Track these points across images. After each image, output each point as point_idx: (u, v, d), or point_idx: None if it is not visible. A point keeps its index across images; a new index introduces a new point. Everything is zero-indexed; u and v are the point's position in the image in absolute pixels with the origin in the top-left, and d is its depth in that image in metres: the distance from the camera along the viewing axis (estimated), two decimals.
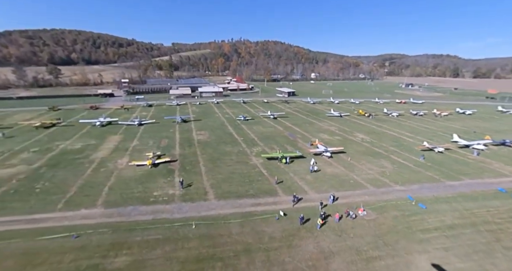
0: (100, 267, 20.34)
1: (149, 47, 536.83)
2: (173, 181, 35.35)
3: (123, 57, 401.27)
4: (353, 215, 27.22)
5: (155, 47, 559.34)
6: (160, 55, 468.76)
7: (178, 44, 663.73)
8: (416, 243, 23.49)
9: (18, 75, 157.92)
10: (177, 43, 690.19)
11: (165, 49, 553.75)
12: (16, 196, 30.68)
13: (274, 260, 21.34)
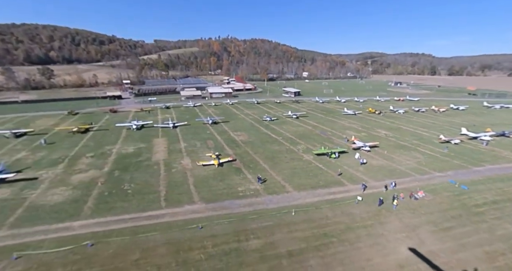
0: (241, 249, 24.32)
1: (132, 45, 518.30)
2: (246, 177, 39.29)
3: (107, 55, 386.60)
4: (416, 197, 33.19)
5: (138, 44, 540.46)
6: (145, 53, 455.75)
7: (160, 41, 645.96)
8: (475, 215, 29.83)
9: (7, 76, 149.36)
10: (159, 40, 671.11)
11: (149, 46, 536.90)
12: (114, 197, 33.16)
13: (374, 234, 26.52)
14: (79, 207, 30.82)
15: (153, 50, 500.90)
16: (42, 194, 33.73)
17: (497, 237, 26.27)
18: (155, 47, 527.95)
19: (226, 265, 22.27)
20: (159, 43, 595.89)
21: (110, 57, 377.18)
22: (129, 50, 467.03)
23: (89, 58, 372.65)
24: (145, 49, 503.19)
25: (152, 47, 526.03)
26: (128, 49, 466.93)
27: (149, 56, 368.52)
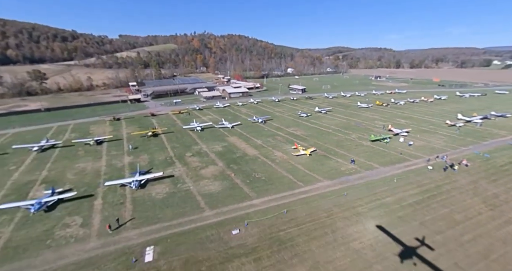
0: (385, 203, 35.98)
1: (99, 41, 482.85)
2: (338, 161, 50.62)
3: (74, 53, 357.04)
4: (467, 164, 48.02)
5: (106, 40, 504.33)
6: (115, 50, 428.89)
7: (127, 37, 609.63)
8: (505, 171, 45.56)
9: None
10: (125, 36, 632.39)
11: (118, 43, 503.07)
12: (259, 183, 41.99)
13: (457, 187, 40.27)
14: (241, 192, 39.32)
15: (123, 47, 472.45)
16: (196, 186, 41.10)
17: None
18: (125, 44, 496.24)
19: (385, 213, 33.79)
20: (125, 39, 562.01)
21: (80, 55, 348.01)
22: (97, 47, 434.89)
23: (54, 56, 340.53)
24: (114, 45, 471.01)
25: (122, 44, 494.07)
26: (96, 46, 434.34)
27: (128, 54, 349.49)
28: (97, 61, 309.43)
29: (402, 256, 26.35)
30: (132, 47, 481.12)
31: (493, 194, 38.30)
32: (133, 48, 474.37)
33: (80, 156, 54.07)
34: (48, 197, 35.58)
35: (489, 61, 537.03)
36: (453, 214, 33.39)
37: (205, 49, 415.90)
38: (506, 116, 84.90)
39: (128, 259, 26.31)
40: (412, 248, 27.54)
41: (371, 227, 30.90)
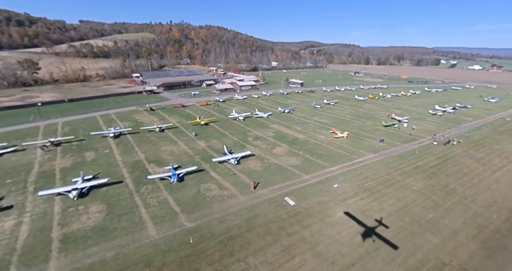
0: (424, 165, 52.08)
1: (61, 26, 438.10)
2: (369, 141, 66.00)
3: (36, 39, 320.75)
4: (459, 141, 67.31)
5: (69, 26, 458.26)
6: (81, 37, 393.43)
7: (89, 23, 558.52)
8: (482, 143, 65.78)
9: None
10: (87, 22, 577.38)
11: (84, 30, 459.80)
12: (325, 157, 54.89)
13: (458, 154, 58.49)
14: (317, 163, 51.90)
15: (90, 34, 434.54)
16: (280, 161, 52.38)
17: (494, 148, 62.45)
18: (91, 31, 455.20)
19: (421, 171, 49.77)
20: (88, 25, 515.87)
21: (48, 42, 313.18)
22: (61, 33, 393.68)
23: (12, 43, 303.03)
24: (80, 32, 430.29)
25: (88, 31, 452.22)
26: (59, 32, 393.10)
27: (104, 42, 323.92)
28: (69, 49, 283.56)
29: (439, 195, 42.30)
30: (100, 34, 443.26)
31: (479, 157, 57.33)
32: (101, 36, 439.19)
33: (155, 141, 60.57)
34: (177, 171, 43.76)
35: (438, 60, 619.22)
36: (462, 169, 50.95)
37: (186, 40, 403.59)
38: (467, 107, 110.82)
39: (278, 204, 37.47)
40: (444, 187, 43.67)
41: (417, 180, 46.46)
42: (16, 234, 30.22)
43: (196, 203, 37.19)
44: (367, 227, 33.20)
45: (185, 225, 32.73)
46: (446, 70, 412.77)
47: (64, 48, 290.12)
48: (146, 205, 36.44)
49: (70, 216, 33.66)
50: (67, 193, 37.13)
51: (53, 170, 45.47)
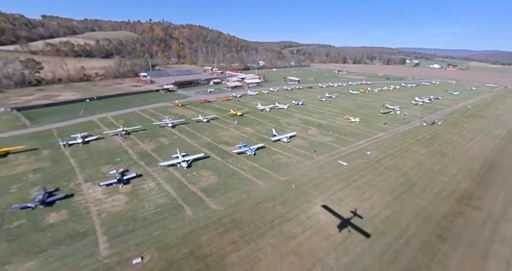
0: (434, 138, 69.93)
1: (27, 22, 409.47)
2: (377, 124, 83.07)
3: (3, 37, 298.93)
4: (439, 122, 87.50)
5: (36, 22, 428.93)
6: (51, 35, 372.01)
7: (55, 19, 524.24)
8: (457, 123, 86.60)
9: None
10: (53, 17, 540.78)
11: (54, 26, 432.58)
12: (350, 135, 70.23)
13: (442, 132, 77.85)
14: (347, 139, 66.97)
15: (60, 31, 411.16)
16: (319, 139, 66.49)
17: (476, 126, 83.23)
18: (62, 28, 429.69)
19: (421, 142, 67.46)
20: (54, 20, 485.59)
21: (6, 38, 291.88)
22: (27, 29, 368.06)
23: None
24: (50, 29, 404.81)
25: (59, 28, 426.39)
26: (27, 29, 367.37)
27: (85, 40, 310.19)
28: (47, 47, 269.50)
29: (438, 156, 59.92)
30: (72, 32, 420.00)
31: (457, 132, 77.26)
32: (73, 34, 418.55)
33: (209, 129, 71.07)
34: (249, 147, 55.53)
35: (404, 60, 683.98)
36: (447, 140, 69.85)
37: (171, 39, 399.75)
38: (439, 98, 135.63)
39: (335, 165, 51.48)
40: (439, 151, 61.40)
41: (421, 148, 63.72)
42: (165, 189, 40.35)
43: (277, 167, 49.79)
44: (402, 174, 48.85)
45: (280, 178, 45.32)
46: (412, 69, 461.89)
47: (41, 46, 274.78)
48: (241, 169, 48.15)
49: (192, 178, 44.26)
50: (178, 164, 47.29)
51: (146, 151, 54.49)
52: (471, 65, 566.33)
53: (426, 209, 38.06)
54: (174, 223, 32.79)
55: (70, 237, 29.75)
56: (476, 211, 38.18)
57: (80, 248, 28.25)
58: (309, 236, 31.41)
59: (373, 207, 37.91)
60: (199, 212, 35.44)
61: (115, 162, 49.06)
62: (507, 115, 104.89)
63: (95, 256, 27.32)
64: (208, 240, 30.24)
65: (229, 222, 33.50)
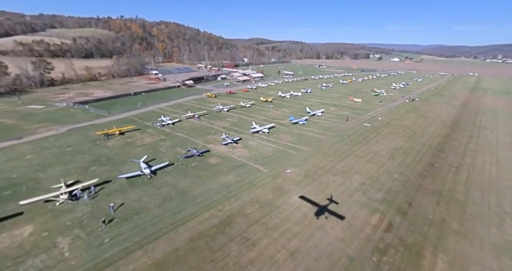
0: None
1: None
2: (375, 102, 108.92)
3: None
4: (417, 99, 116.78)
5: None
6: (7, 33, 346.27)
7: (4, 13, 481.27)
8: (432, 99, 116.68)
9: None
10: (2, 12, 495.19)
11: (9, 23, 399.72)
12: (360, 110, 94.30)
13: (421, 105, 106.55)
14: (361, 112, 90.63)
15: (17, 28, 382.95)
16: (341, 113, 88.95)
17: (440, 100, 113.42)
18: (19, 24, 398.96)
19: (409, 111, 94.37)
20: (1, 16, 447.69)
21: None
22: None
23: None
24: (4, 26, 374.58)
25: (15, 24, 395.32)
26: None
27: (63, 41, 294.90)
28: (18, 47, 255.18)
29: (423, 118, 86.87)
30: (31, 29, 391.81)
31: (430, 105, 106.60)
32: (33, 31, 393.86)
33: (256, 111, 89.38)
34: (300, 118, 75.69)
35: (368, 55, 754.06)
36: (426, 109, 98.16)
37: (151, 37, 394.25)
38: (409, 84, 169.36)
39: (361, 126, 74.20)
40: (423, 116, 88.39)
41: (411, 115, 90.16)
42: (265, 144, 58.75)
43: (326, 128, 71.09)
44: (406, 128, 73.64)
45: (333, 134, 66.49)
46: (376, 62, 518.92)
47: (10, 45, 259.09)
48: (304, 131, 68.16)
49: (276, 139, 63.07)
50: (263, 131, 65.58)
51: (226, 126, 71.46)
52: (424, 58, 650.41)
53: (427, 142, 62.63)
54: (289, 158, 51.88)
55: (236, 167, 47.27)
56: (454, 141, 63.88)
57: (248, 171, 46.07)
58: (371, 157, 53.16)
59: (398, 143, 61.21)
60: (299, 152, 55.01)
61: (211, 133, 65.54)
62: (458, 94, 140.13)
63: (261, 173, 45.51)
64: (318, 161, 50.12)
65: (322, 154, 53.71)
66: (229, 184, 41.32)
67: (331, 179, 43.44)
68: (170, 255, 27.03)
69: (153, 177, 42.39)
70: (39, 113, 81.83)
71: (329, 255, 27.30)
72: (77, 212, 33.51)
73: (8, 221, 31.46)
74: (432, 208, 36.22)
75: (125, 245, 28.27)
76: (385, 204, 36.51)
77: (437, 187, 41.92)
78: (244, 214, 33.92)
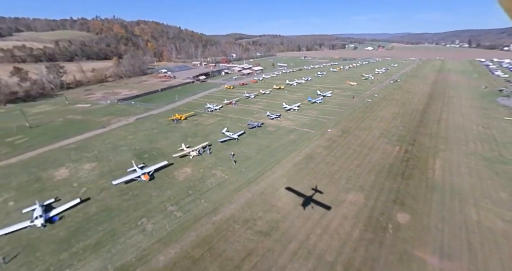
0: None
1: None
2: (367, 84, 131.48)
3: None
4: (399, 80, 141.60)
5: None
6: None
7: None
8: (410, 80, 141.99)
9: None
10: None
11: None
12: (358, 92, 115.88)
13: (403, 85, 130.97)
14: (359, 92, 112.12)
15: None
16: (343, 94, 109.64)
17: (416, 80, 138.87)
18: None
19: (396, 88, 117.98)
20: None
21: None
22: None
23: None
24: None
25: None
26: None
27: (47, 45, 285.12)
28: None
29: (408, 93, 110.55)
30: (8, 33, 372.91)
31: (410, 84, 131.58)
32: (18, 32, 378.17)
33: (275, 96, 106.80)
34: (317, 98, 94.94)
35: (344, 45, 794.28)
36: (408, 87, 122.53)
37: (135, 37, 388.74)
38: (388, 69, 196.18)
39: (364, 102, 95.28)
40: (408, 92, 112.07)
41: (398, 92, 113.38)
42: (300, 117, 77.02)
43: (340, 103, 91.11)
44: (397, 101, 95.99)
45: (347, 107, 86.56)
46: (353, 51, 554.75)
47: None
48: (322, 108, 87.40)
49: (304, 113, 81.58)
50: (294, 109, 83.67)
51: (261, 108, 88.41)
52: (394, 46, 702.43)
53: (415, 108, 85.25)
54: (323, 124, 70.77)
55: (290, 131, 65.18)
56: (432, 106, 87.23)
57: (301, 132, 64.17)
58: (380, 119, 73.83)
59: (395, 110, 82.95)
60: (328, 120, 74.19)
61: (254, 113, 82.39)
62: (429, 74, 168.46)
63: (311, 133, 63.94)
64: (346, 124, 69.63)
65: (346, 120, 73.40)
66: (294, 140, 59.44)
67: (360, 133, 63.27)
68: (289, 172, 44.92)
69: (239, 140, 59.17)
70: (93, 109, 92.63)
71: (378, 163, 46.85)
72: (209, 161, 49.80)
73: (169, 167, 47.05)
74: (427, 141, 57.43)
75: (256, 171, 45.54)
76: (400, 142, 57.03)
77: (428, 131, 63.54)
78: (316, 152, 52.46)
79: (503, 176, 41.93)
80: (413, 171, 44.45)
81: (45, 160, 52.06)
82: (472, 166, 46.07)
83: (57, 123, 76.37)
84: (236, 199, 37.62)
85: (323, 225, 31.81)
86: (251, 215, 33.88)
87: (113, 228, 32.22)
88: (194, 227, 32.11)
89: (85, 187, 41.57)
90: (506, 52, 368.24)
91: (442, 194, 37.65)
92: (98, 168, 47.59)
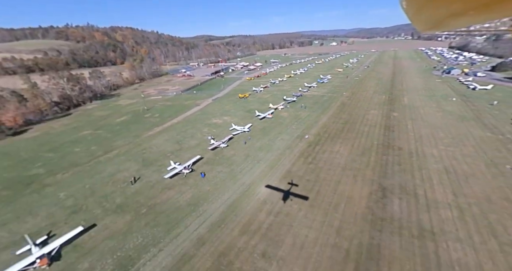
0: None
1: None
2: (351, 71, 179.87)
3: None
4: (370, 66, 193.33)
5: None
6: None
7: None
8: (379, 66, 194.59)
9: None
10: None
11: None
12: (355, 79, 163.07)
13: (377, 67, 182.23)
14: (351, 74, 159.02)
15: None
16: (341, 79, 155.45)
17: (382, 66, 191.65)
18: None
19: (387, 69, 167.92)
20: None
21: None
22: None
23: None
24: None
25: None
26: None
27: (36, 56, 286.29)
28: None
29: (378, 74, 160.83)
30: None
31: (378, 68, 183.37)
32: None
33: (293, 82, 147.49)
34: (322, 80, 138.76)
35: (311, 42, 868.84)
36: (378, 71, 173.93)
37: (121, 43, 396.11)
38: (358, 59, 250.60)
39: (358, 78, 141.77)
40: (378, 73, 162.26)
41: (372, 73, 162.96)
42: (323, 90, 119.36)
43: (341, 81, 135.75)
44: (376, 79, 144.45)
45: (347, 85, 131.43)
46: (321, 47, 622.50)
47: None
48: (331, 86, 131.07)
49: (323, 86, 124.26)
50: (313, 86, 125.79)
51: (290, 88, 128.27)
52: (354, 41, 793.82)
53: (386, 80, 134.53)
54: (338, 91, 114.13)
55: (321, 96, 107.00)
56: (396, 80, 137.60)
57: (328, 97, 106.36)
58: (369, 87, 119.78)
59: (375, 83, 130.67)
60: (340, 89, 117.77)
61: (290, 92, 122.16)
62: (388, 61, 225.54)
63: (334, 96, 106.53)
64: (351, 90, 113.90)
65: (349, 89, 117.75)
66: (327, 99, 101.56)
67: (362, 93, 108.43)
68: (338, 108, 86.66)
69: (296, 102, 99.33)
70: (172, 98, 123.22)
71: (378, 101, 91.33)
72: (290, 110, 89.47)
73: (275, 112, 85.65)
74: (399, 92, 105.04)
75: (323, 108, 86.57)
76: (385, 94, 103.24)
77: (398, 89, 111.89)
78: (345, 101, 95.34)
79: (433, 99, 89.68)
80: (395, 102, 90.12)
81: (204, 114, 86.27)
82: (420, 98, 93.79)
83: (160, 107, 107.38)
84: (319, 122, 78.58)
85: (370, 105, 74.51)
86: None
87: None
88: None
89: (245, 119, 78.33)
90: (439, 42, 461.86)
91: (409, 107, 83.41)
92: (233, 118, 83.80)
